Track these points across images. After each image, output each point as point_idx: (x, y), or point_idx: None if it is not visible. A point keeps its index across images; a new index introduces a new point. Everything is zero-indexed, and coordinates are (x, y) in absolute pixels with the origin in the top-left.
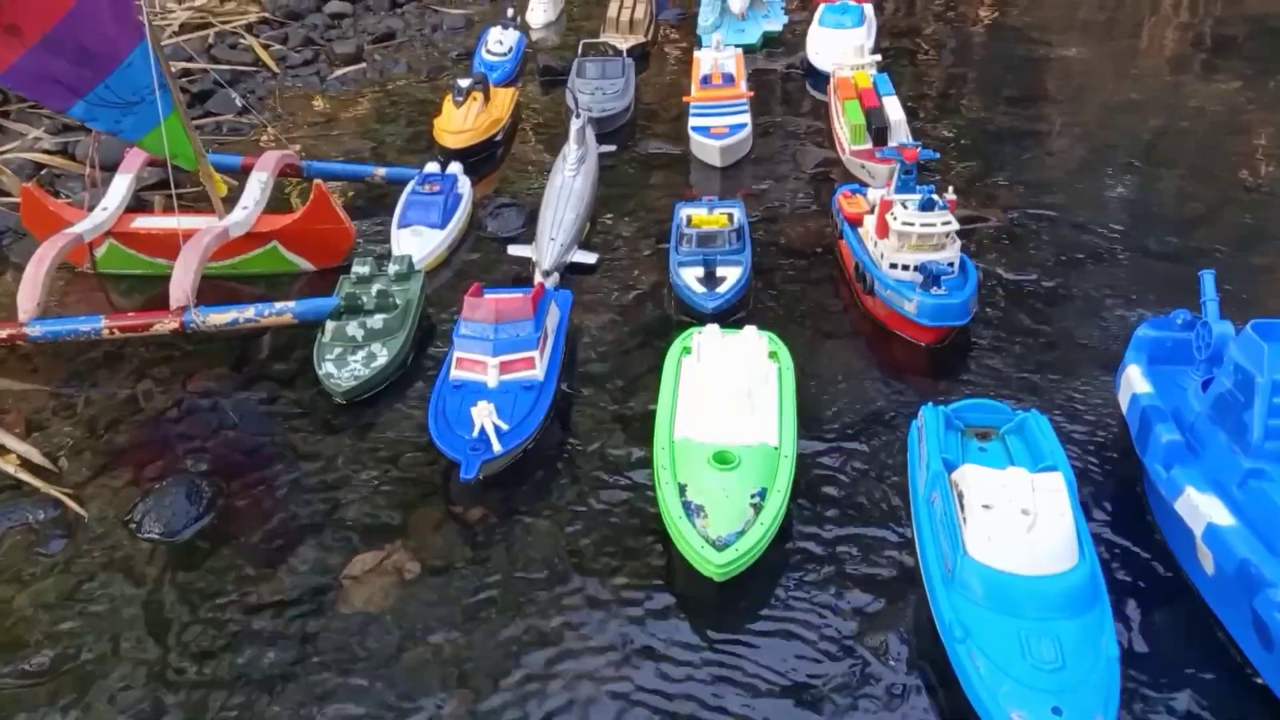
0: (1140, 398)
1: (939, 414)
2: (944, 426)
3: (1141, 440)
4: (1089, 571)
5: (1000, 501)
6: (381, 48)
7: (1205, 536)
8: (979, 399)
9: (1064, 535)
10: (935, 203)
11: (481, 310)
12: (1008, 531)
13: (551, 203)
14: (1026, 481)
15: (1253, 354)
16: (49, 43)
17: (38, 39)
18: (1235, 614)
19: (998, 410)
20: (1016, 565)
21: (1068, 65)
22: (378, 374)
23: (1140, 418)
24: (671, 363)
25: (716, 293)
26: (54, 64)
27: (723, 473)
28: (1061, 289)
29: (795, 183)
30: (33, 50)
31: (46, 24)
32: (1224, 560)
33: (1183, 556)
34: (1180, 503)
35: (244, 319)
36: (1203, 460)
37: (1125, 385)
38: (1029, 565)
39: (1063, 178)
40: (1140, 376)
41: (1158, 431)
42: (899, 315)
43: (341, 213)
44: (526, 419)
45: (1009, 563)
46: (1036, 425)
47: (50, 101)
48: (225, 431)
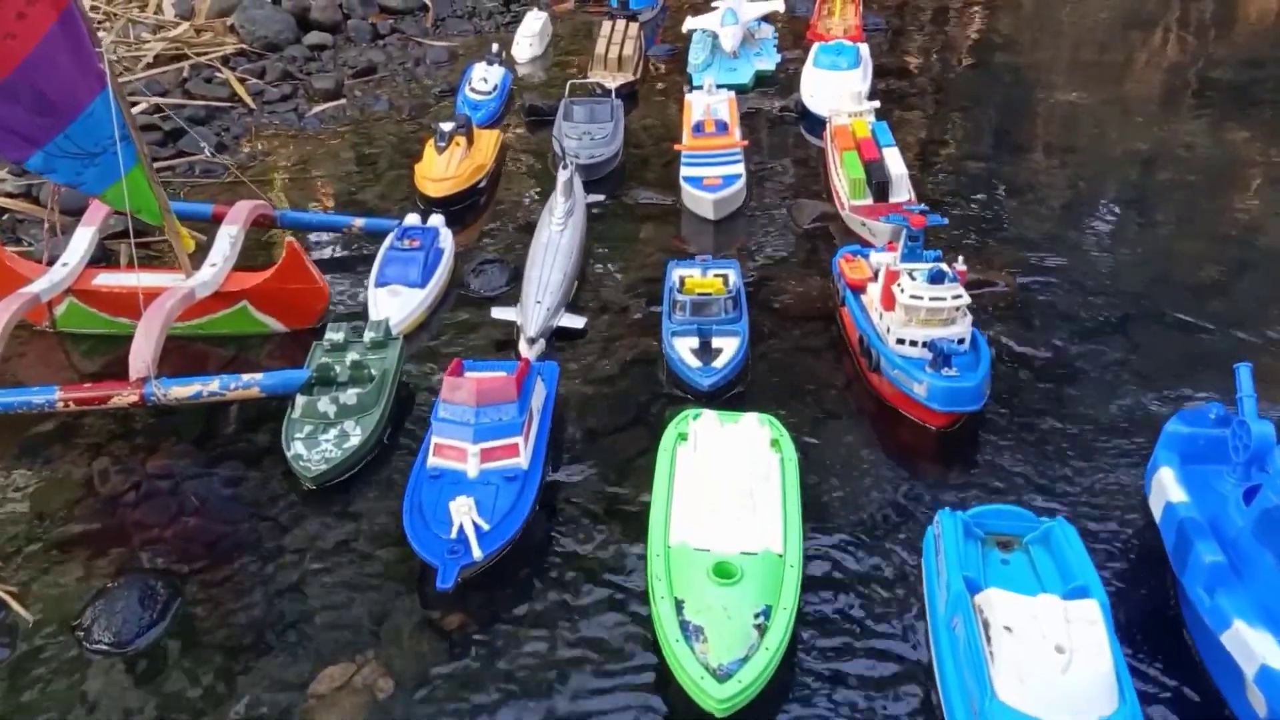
0: (1176, 508)
1: (957, 521)
2: (963, 535)
3: (1179, 557)
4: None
5: (1032, 636)
6: (362, 82)
7: (1258, 679)
8: (1000, 505)
9: (1103, 676)
10: (945, 274)
11: (462, 391)
12: (1041, 671)
13: (537, 261)
14: (1059, 611)
15: None
16: (4, 90)
17: None
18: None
19: (1020, 517)
20: (1051, 711)
21: (1068, 111)
22: (351, 456)
23: (1177, 531)
24: (666, 452)
25: (713, 368)
26: (9, 112)
27: (723, 588)
28: (1074, 364)
29: (791, 239)
30: None
31: (2, 71)
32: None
33: (1231, 696)
34: (1228, 637)
35: (208, 392)
36: (1250, 586)
37: (1157, 489)
38: (1065, 711)
39: (1070, 236)
40: (1174, 482)
41: (1198, 551)
42: (907, 396)
43: (315, 271)
44: (509, 516)
45: (1043, 708)
46: (1063, 536)
47: (5, 152)
48: (186, 519)
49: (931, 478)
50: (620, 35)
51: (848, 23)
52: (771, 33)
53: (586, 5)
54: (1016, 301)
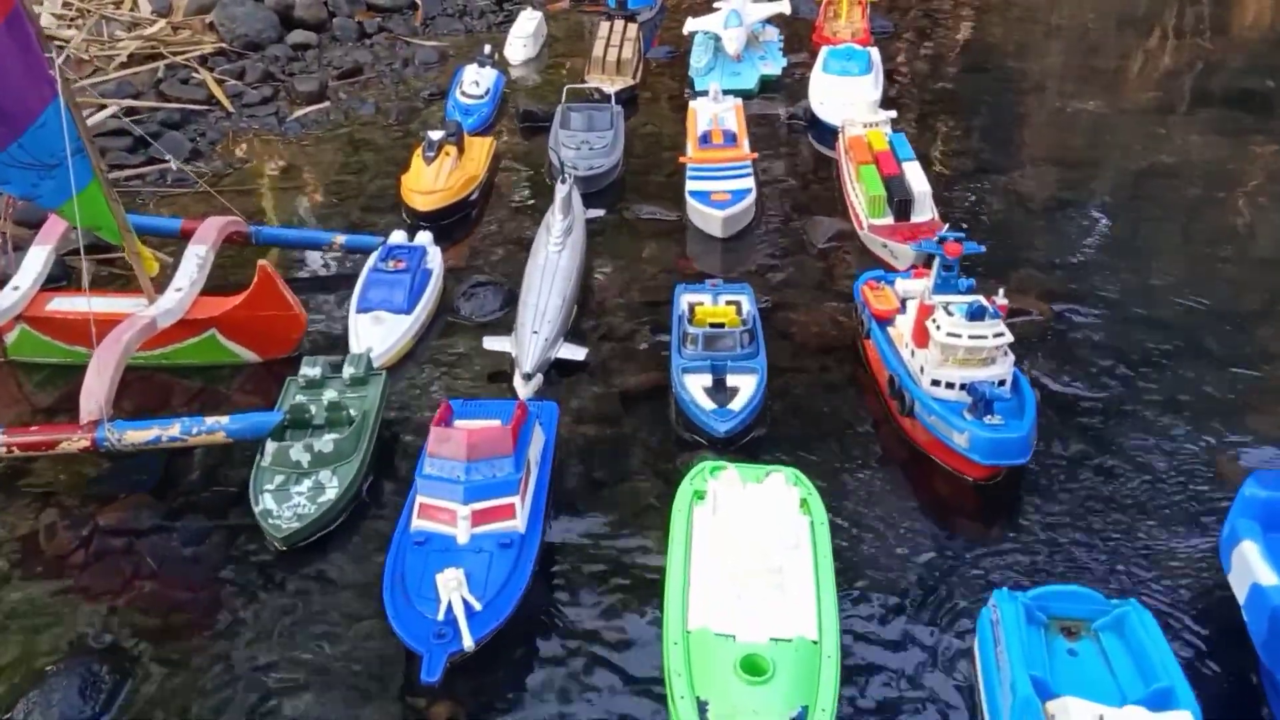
0: (1267, 593)
1: (1017, 605)
2: (1025, 621)
3: (1273, 652)
4: None
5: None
6: (347, 84)
7: None
8: (1063, 586)
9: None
10: (986, 309)
11: (451, 444)
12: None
13: (534, 285)
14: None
15: None
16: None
17: None
18: None
19: (1089, 599)
20: None
21: (1087, 120)
22: (326, 512)
23: (1269, 622)
24: (681, 514)
25: (729, 410)
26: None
27: (753, 687)
28: (1119, 403)
29: (806, 260)
30: None
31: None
32: None
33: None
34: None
35: (168, 437)
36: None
37: (1239, 566)
38: None
39: (1102, 259)
40: (1260, 559)
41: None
42: (944, 445)
43: (290, 296)
44: (505, 590)
45: None
46: (1139, 622)
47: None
48: (140, 584)
49: (974, 539)
50: (618, 37)
51: (855, 26)
52: (777, 35)
53: (582, 5)
54: (1051, 332)
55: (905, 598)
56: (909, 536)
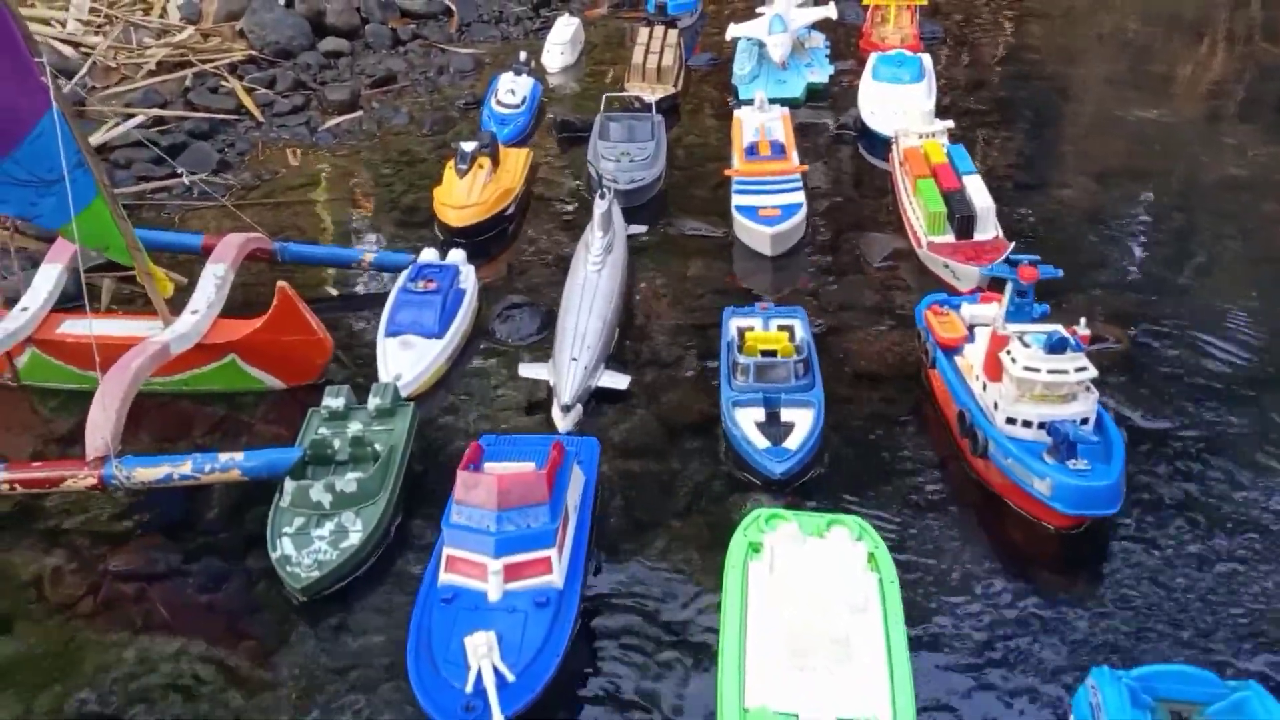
0: None
1: (1121, 688)
2: (1129, 704)
3: None
4: None
5: None
6: (380, 93)
7: None
8: (1173, 666)
9: None
10: (1067, 342)
11: (480, 490)
12: None
13: (573, 307)
14: None
15: None
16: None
17: None
18: None
19: (1201, 681)
20: None
21: (1151, 130)
22: (349, 559)
23: None
24: (735, 570)
25: (785, 450)
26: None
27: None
28: (1207, 439)
29: (860, 280)
30: None
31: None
32: None
33: None
34: None
35: (179, 475)
36: None
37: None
38: None
39: (1175, 279)
40: None
41: None
42: (1023, 490)
43: (313, 320)
44: (541, 656)
45: None
46: (1262, 708)
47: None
48: (150, 638)
49: (1060, 598)
50: (659, 44)
51: (905, 31)
52: (823, 41)
53: (621, 10)
54: (1128, 360)
55: (986, 668)
56: (986, 593)
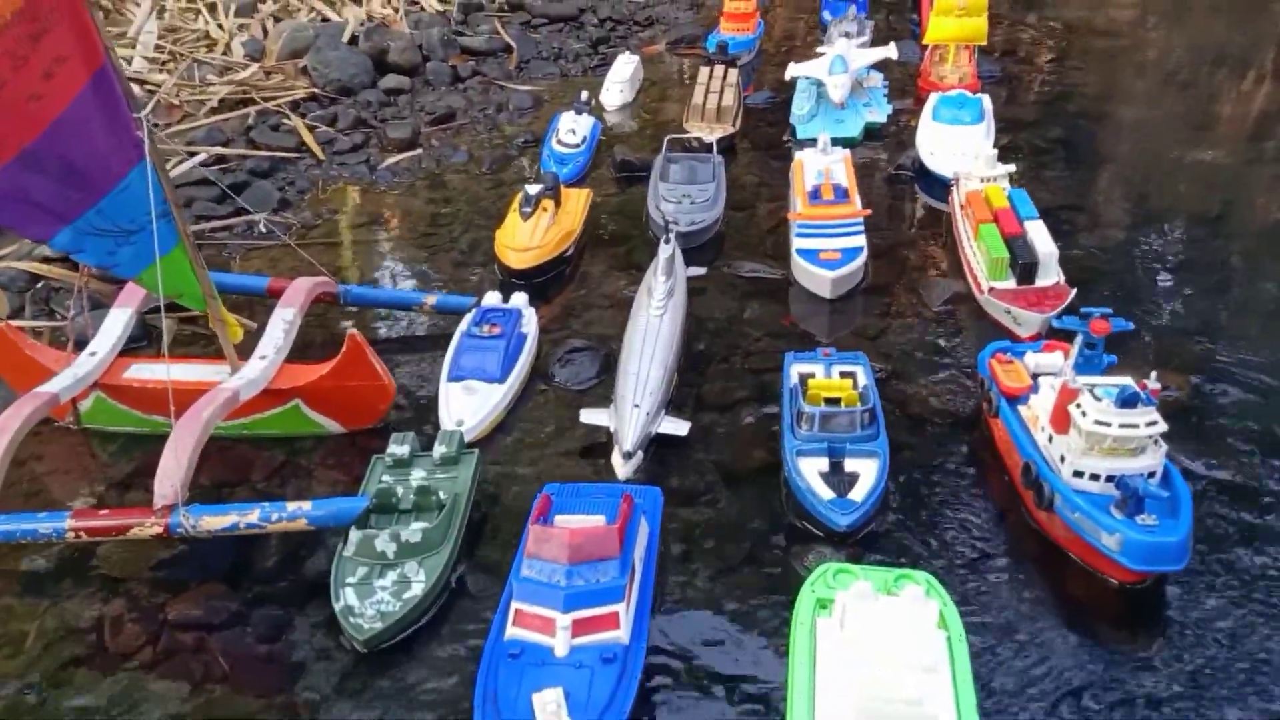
0: None
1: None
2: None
3: None
4: None
5: None
6: (439, 130)
7: None
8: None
9: None
10: (1139, 396)
11: (552, 544)
12: None
13: (635, 352)
14: None
15: None
16: (28, 159)
17: (14, 154)
18: None
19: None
20: None
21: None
22: (412, 611)
23: None
24: (804, 627)
25: (850, 501)
26: (33, 184)
27: None
28: (1269, 489)
29: (920, 324)
30: (8, 167)
31: (26, 137)
32: None
33: None
34: None
35: (245, 524)
36: None
37: None
38: None
39: (1240, 326)
40: None
41: None
42: (1088, 544)
43: (379, 366)
44: (608, 712)
45: None
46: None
47: (27, 228)
48: (209, 688)
49: (1126, 654)
50: (718, 83)
51: (963, 70)
52: (882, 81)
53: (679, 48)
54: (1191, 410)
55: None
56: (1051, 650)
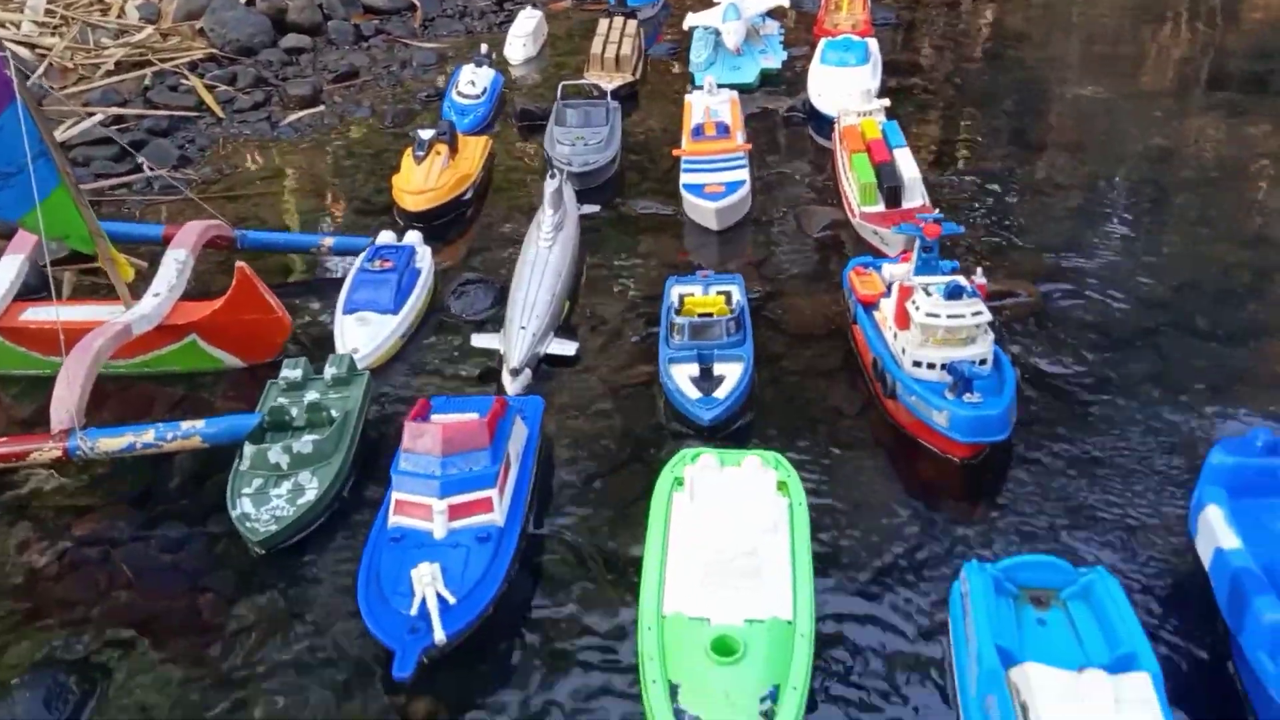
0: (1228, 556)
1: (986, 577)
2: (993, 593)
3: (1235, 613)
4: None
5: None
6: (343, 88)
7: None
8: (1032, 555)
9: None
10: (964, 289)
11: (426, 439)
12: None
13: (523, 281)
14: (1108, 691)
15: None
16: None
17: None
18: None
19: (1057, 569)
20: None
21: (1086, 107)
22: (305, 514)
23: (1231, 584)
24: (660, 501)
25: (714, 399)
26: None
27: (724, 667)
28: (1105, 382)
29: (800, 249)
30: None
31: None
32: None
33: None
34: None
35: (142, 444)
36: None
37: (1204, 531)
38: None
39: (1091, 239)
40: (1223, 523)
41: (1258, 609)
42: (926, 425)
43: (273, 299)
44: (481, 584)
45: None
46: (1105, 590)
47: None
48: (115, 594)
49: (956, 518)
50: (618, 34)
51: (856, 17)
52: (777, 29)
53: (584, 3)
54: (1038, 313)
55: (884, 576)
56: (891, 517)
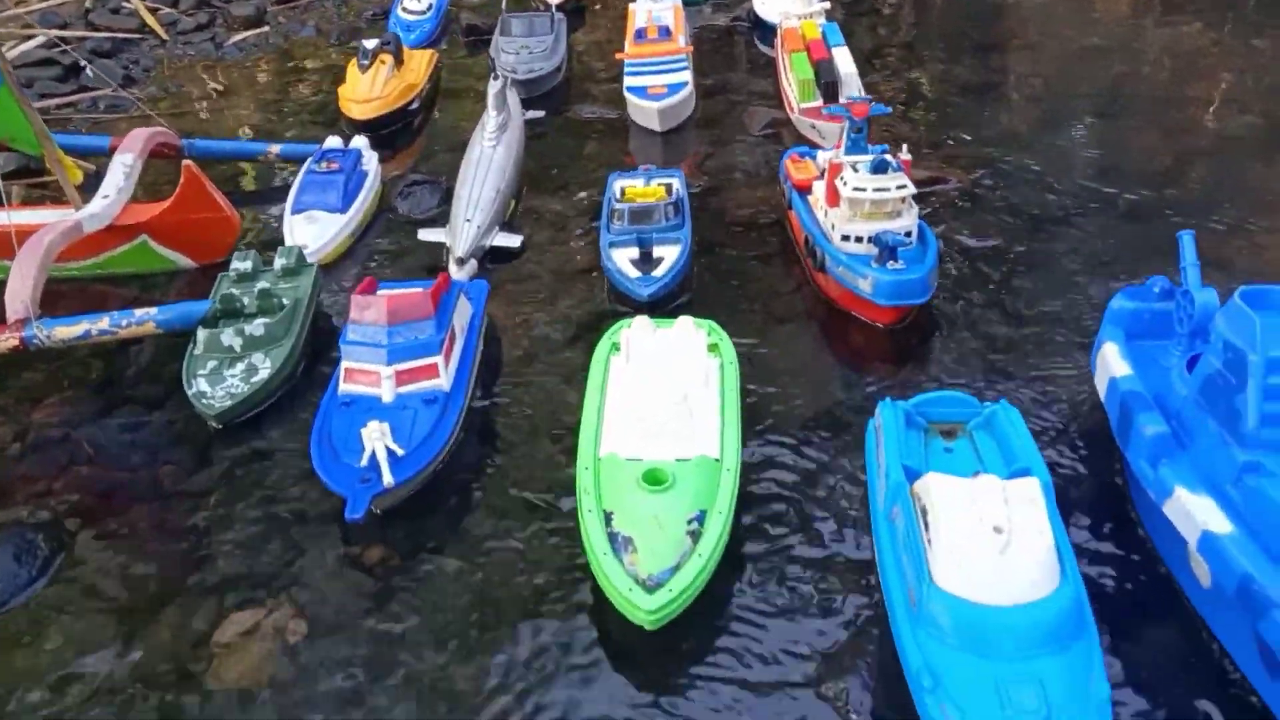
0: (1119, 382)
1: (898, 411)
2: (904, 425)
3: (1123, 431)
4: (1073, 596)
5: (970, 518)
6: (287, 8)
7: (1200, 546)
8: (941, 391)
9: (1043, 555)
10: (889, 164)
11: (372, 310)
12: (979, 554)
13: (468, 178)
14: (998, 491)
15: (1242, 328)
16: None
17: None
18: (1237, 636)
19: (963, 403)
20: (990, 595)
21: (1026, 10)
22: (259, 390)
23: (1120, 406)
24: (598, 364)
25: (652, 276)
26: None
27: (654, 495)
28: (1027, 256)
29: (742, 147)
30: None
31: None
32: (1222, 574)
33: (1175, 566)
34: (1170, 506)
35: (98, 331)
36: (1192, 454)
37: (1102, 366)
38: (1005, 594)
39: (1025, 132)
40: (1118, 356)
41: (1141, 423)
42: (854, 294)
43: (221, 198)
44: (428, 440)
45: (982, 592)
46: (1006, 418)
47: None
48: (77, 468)
49: (879, 376)
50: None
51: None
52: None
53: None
54: (970, 197)
55: (808, 427)
56: (818, 378)
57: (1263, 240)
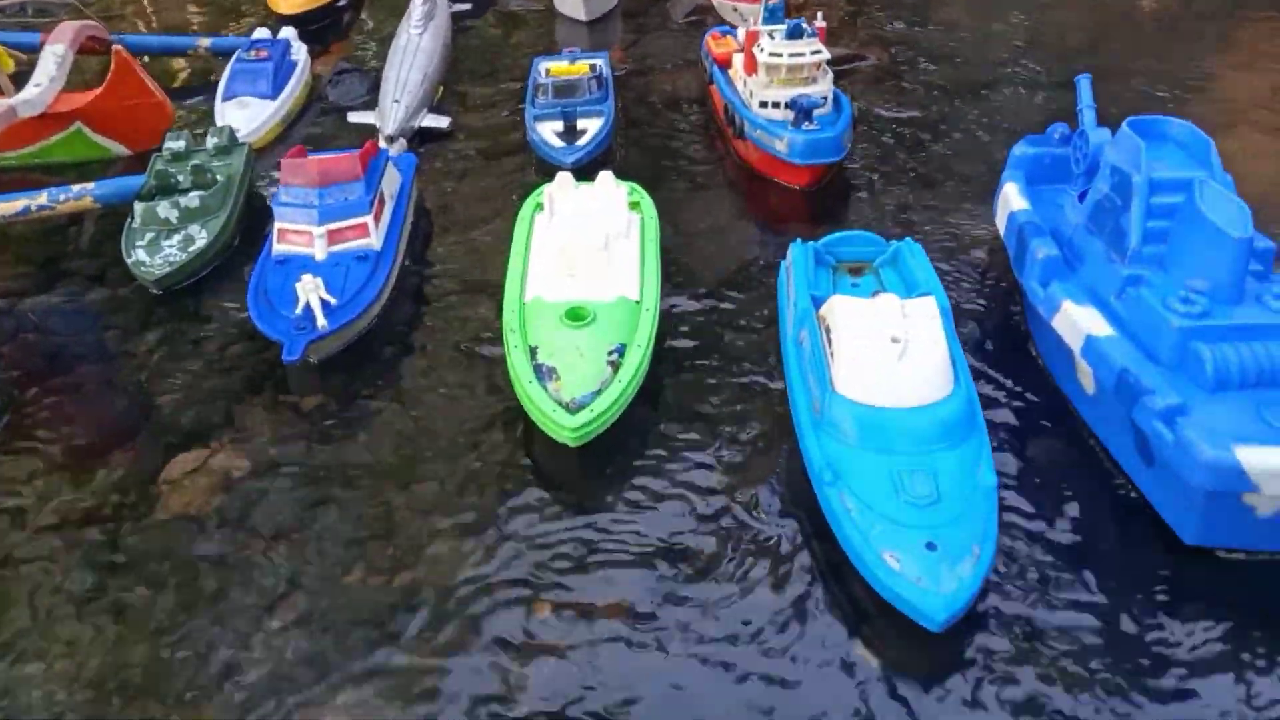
0: (1017, 215)
1: (808, 250)
2: (813, 262)
3: (1019, 260)
4: (965, 399)
5: (869, 330)
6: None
7: (1084, 351)
8: (850, 231)
9: (937, 361)
10: (804, 30)
11: (303, 173)
12: (877, 363)
13: (396, 63)
14: (897, 308)
15: (1129, 153)
16: None
17: None
18: (1115, 432)
19: (870, 241)
20: (887, 398)
21: None
22: (196, 258)
23: (1017, 236)
24: (523, 222)
25: (576, 145)
26: None
27: (576, 329)
28: (941, 124)
29: (668, 35)
30: None
31: None
32: (1103, 374)
33: (1063, 379)
34: (1058, 319)
35: (36, 206)
36: (1081, 273)
37: (1003, 205)
38: (901, 397)
39: (944, 12)
40: (1017, 194)
41: (1034, 247)
42: (772, 157)
43: (152, 84)
44: (361, 292)
45: (879, 396)
46: (910, 253)
47: None
48: (24, 335)
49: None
50: None
51: None
52: None
53: None
54: (890, 73)
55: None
56: (737, 236)
57: (1172, 109)
